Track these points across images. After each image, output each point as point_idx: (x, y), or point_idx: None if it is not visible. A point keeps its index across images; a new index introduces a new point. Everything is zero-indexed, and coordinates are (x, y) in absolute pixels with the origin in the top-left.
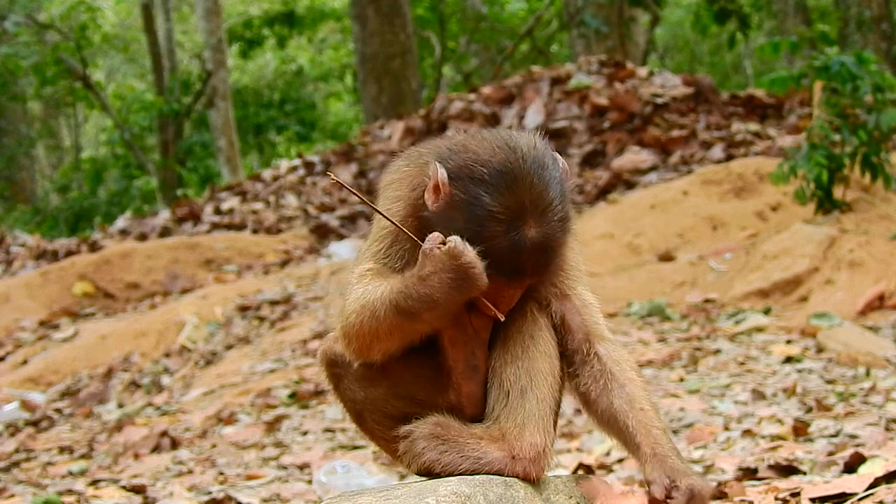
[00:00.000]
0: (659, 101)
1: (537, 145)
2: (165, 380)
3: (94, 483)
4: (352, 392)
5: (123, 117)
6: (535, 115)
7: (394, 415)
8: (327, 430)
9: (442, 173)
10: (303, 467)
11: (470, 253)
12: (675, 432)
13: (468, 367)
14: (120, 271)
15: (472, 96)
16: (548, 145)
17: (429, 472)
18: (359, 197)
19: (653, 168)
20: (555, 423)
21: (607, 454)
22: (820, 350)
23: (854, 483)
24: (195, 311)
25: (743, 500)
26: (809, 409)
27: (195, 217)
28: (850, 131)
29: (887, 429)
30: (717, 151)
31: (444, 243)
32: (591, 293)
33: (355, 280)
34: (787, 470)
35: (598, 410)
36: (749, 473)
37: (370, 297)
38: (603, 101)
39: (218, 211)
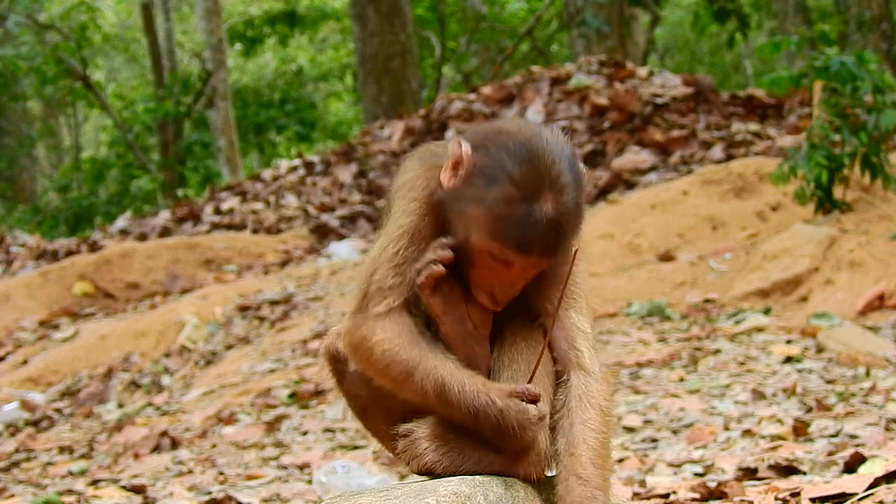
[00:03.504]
0: (659, 101)
1: (560, 136)
2: (165, 380)
3: (94, 483)
4: (356, 388)
5: (124, 117)
6: (535, 115)
7: (398, 410)
8: (327, 430)
9: (466, 146)
10: (303, 467)
11: (533, 434)
12: (674, 432)
13: (468, 363)
14: (120, 271)
15: (472, 96)
16: (570, 141)
17: (429, 473)
18: None
19: (653, 168)
20: None
21: None
22: (820, 350)
23: (854, 483)
24: (195, 311)
25: (743, 500)
26: (809, 409)
27: (195, 217)
28: (850, 131)
29: (887, 429)
30: (717, 151)
31: (531, 401)
32: (588, 321)
33: (382, 309)
34: (787, 470)
35: (552, 438)
36: (749, 473)
37: (414, 356)
38: (603, 101)
39: (218, 211)
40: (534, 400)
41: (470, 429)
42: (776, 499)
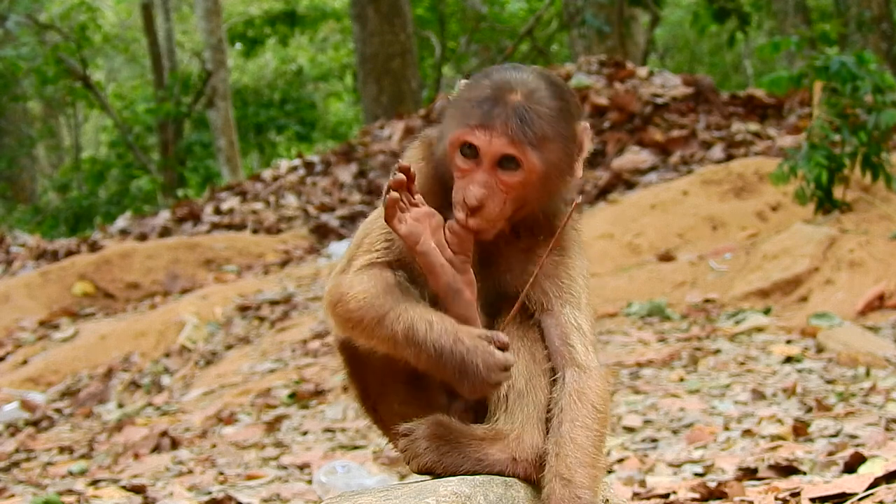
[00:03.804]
0: (659, 101)
1: (563, 80)
2: (165, 380)
3: (94, 483)
4: (371, 367)
5: (124, 117)
6: None
7: (414, 383)
8: (327, 430)
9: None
10: (303, 467)
11: (497, 379)
12: (674, 432)
13: (450, 290)
14: (120, 271)
15: None
16: (575, 94)
17: (430, 473)
18: None
19: (653, 168)
20: None
21: (607, 454)
22: (820, 350)
23: (854, 483)
24: (195, 311)
25: (743, 500)
26: (809, 409)
27: (195, 217)
28: (850, 131)
29: (887, 429)
30: (717, 151)
31: (499, 348)
32: (586, 318)
33: (363, 263)
34: (787, 470)
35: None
36: (749, 473)
37: (386, 302)
38: (603, 101)
39: (218, 211)
40: (502, 347)
41: (434, 371)
42: (776, 499)
